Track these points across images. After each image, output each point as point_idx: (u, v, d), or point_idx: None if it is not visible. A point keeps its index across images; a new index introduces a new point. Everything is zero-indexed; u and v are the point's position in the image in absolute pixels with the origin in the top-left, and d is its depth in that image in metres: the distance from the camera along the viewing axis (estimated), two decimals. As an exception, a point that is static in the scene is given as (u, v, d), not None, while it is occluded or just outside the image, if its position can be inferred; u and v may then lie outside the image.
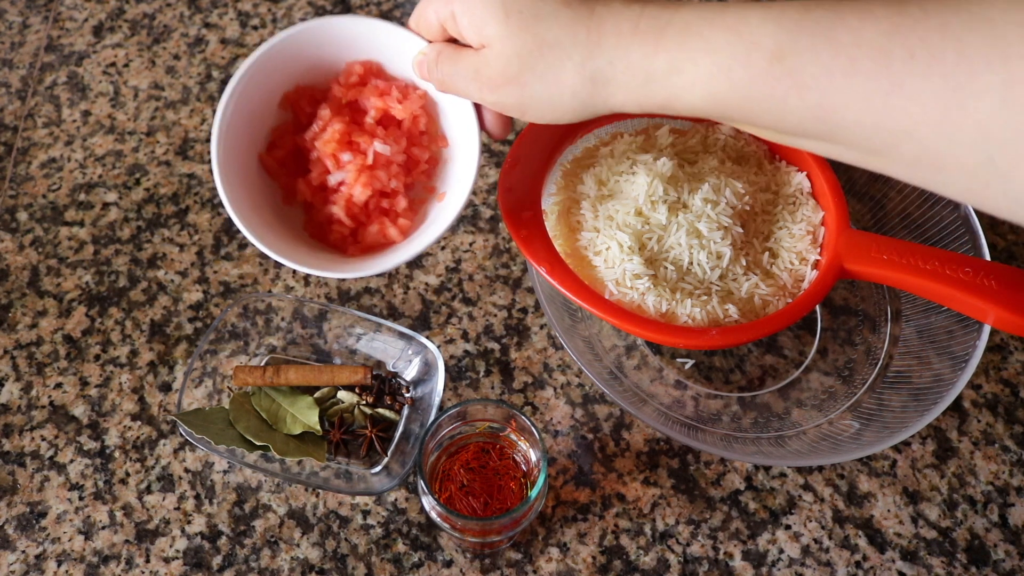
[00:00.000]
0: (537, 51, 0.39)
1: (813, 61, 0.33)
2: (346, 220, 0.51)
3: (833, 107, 0.33)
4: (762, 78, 0.34)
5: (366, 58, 0.51)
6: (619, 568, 0.54)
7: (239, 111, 0.49)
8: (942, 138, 0.32)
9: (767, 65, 0.34)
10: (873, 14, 0.32)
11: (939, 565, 0.54)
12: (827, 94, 0.33)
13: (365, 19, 0.50)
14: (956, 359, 0.54)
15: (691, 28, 0.36)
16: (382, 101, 0.51)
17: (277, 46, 0.49)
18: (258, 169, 0.51)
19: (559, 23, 0.38)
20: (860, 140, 0.34)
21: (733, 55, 0.35)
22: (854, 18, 0.33)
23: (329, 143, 0.50)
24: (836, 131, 0.34)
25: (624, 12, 0.38)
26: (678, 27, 0.36)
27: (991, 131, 0.30)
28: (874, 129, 0.33)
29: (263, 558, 0.54)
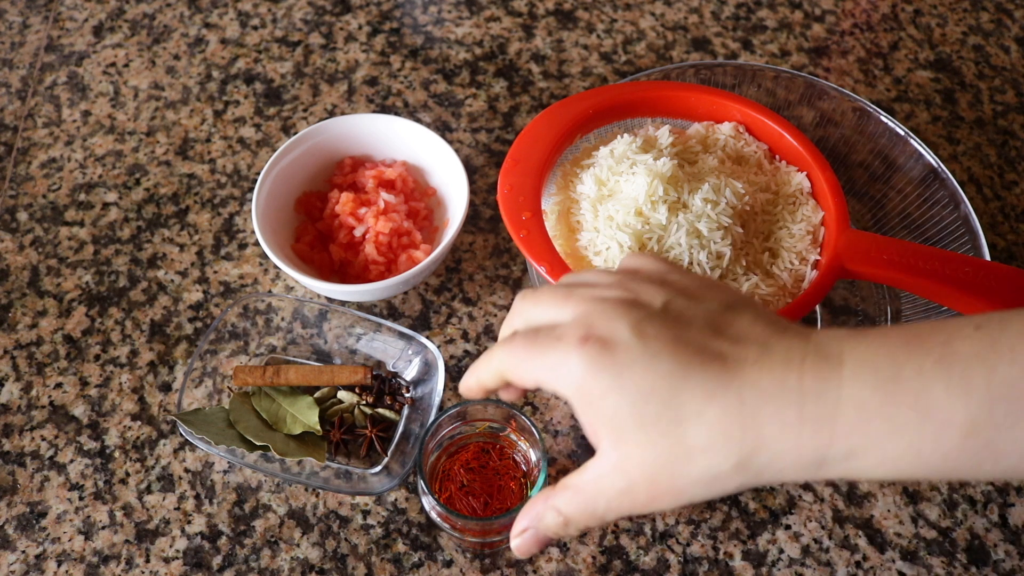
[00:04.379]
0: (686, 457, 0.33)
1: (1011, 428, 0.30)
2: (379, 258, 0.62)
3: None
4: (955, 454, 0.31)
5: (354, 153, 0.68)
6: (619, 568, 0.54)
7: (267, 212, 0.62)
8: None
9: (961, 441, 0.31)
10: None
11: (939, 565, 0.54)
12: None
13: (352, 117, 0.66)
14: (956, 359, 0.54)
15: (868, 408, 0.31)
16: (375, 171, 0.65)
17: (288, 159, 0.64)
18: (291, 255, 0.63)
19: (706, 424, 0.32)
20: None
21: (922, 436, 0.31)
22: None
23: (346, 205, 0.63)
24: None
25: (782, 394, 0.32)
26: (852, 408, 0.31)
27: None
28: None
29: (263, 558, 0.54)
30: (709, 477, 0.33)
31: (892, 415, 0.31)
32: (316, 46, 0.80)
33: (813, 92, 0.67)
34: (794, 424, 0.32)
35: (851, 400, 0.31)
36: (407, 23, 0.81)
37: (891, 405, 0.31)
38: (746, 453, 0.32)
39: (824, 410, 0.31)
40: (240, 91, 0.76)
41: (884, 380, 0.31)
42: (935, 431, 0.31)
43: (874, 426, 0.31)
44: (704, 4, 0.84)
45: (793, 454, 0.32)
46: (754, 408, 0.32)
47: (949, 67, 0.80)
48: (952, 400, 0.30)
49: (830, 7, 0.84)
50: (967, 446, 0.31)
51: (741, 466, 0.32)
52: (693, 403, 0.32)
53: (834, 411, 0.31)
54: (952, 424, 0.31)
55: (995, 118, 0.76)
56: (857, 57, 0.81)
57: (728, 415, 0.32)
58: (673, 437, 0.33)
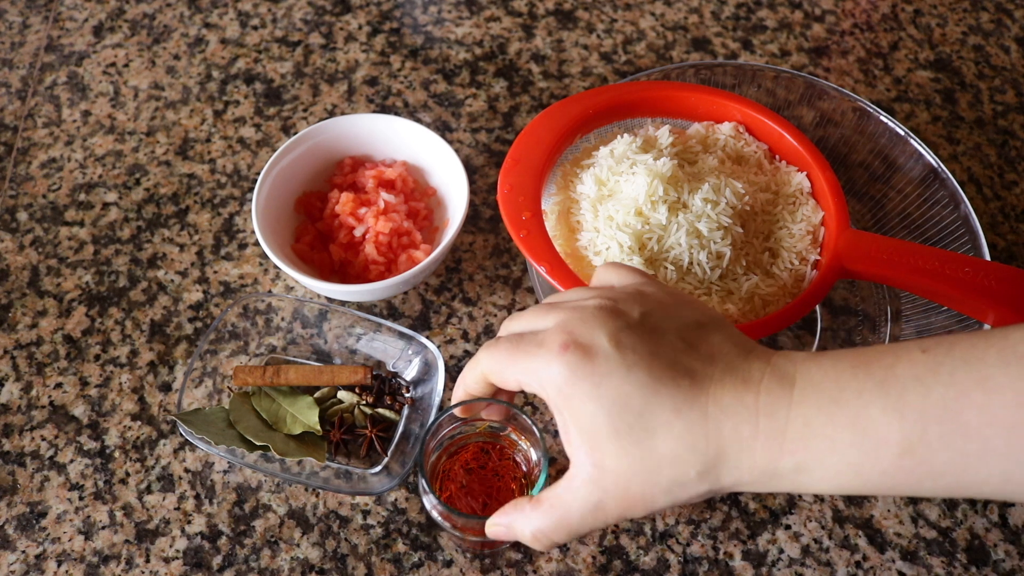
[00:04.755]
0: (657, 468, 0.35)
1: (944, 450, 0.32)
2: (379, 258, 0.62)
3: (970, 483, 0.33)
4: (892, 471, 0.33)
5: (354, 154, 0.68)
6: (619, 568, 0.54)
7: (267, 212, 0.62)
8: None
9: (897, 459, 0.33)
10: (998, 387, 0.31)
11: (939, 565, 0.54)
12: (963, 475, 0.33)
13: (352, 117, 0.66)
14: (956, 359, 0.54)
15: (812, 426, 0.34)
16: (375, 171, 0.65)
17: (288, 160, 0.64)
18: (291, 255, 0.63)
19: (674, 435, 0.35)
20: (1002, 495, 0.34)
21: (861, 454, 0.33)
22: (979, 393, 0.32)
23: (347, 205, 0.63)
24: (974, 494, 0.34)
25: (740, 411, 0.35)
26: (798, 426, 0.34)
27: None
28: (1018, 486, 0.33)
29: (263, 558, 0.54)
30: (676, 485, 0.36)
31: (832, 434, 0.33)
32: (316, 46, 0.80)
33: (813, 92, 0.67)
34: (749, 439, 0.34)
35: (798, 419, 0.34)
36: (407, 23, 0.81)
37: (831, 425, 0.34)
38: (709, 463, 0.35)
39: (775, 426, 0.34)
40: (240, 91, 0.76)
41: (827, 401, 0.34)
42: (872, 450, 0.33)
43: (817, 443, 0.34)
44: (704, 4, 0.84)
45: (748, 464, 0.35)
46: (716, 422, 0.35)
47: (949, 67, 0.80)
48: (888, 420, 0.33)
49: (830, 7, 0.84)
50: (903, 465, 0.33)
51: (704, 475, 0.35)
52: (663, 415, 0.35)
53: (784, 428, 0.34)
54: (888, 443, 0.33)
55: (995, 118, 0.76)
56: (857, 57, 0.81)
57: (693, 429, 0.35)
58: (645, 448, 0.35)
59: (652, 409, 0.35)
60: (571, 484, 0.38)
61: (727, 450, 0.35)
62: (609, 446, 0.36)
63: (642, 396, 0.35)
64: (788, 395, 0.34)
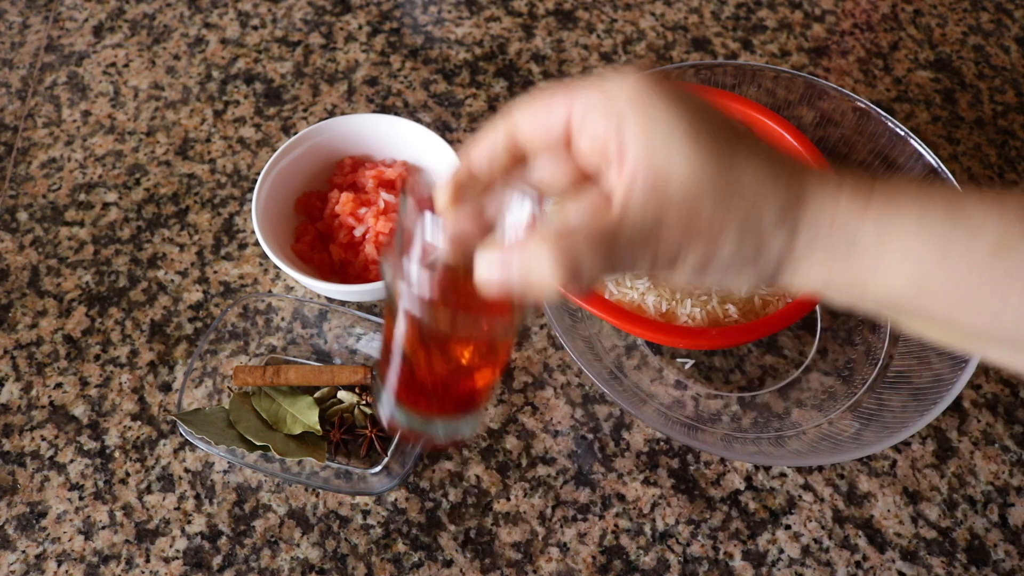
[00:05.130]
0: (734, 190, 0.29)
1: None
2: (379, 258, 0.61)
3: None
4: (982, 266, 0.29)
5: (354, 154, 0.68)
6: (619, 568, 0.54)
7: (267, 212, 0.62)
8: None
9: (989, 255, 0.29)
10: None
11: (939, 565, 0.54)
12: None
13: (352, 117, 0.66)
14: (956, 359, 0.54)
15: (901, 195, 0.30)
16: (375, 170, 0.66)
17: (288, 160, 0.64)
18: (291, 255, 0.63)
19: (756, 159, 0.30)
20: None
21: (950, 238, 0.29)
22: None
23: (346, 205, 0.63)
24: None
25: (823, 173, 0.31)
26: (885, 190, 0.30)
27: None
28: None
29: (263, 558, 0.54)
30: (751, 223, 0.30)
31: (924, 206, 0.30)
32: (316, 46, 0.80)
33: (813, 92, 0.67)
34: (834, 188, 0.30)
35: (885, 189, 0.30)
36: (407, 23, 0.81)
37: (924, 198, 0.30)
38: (790, 203, 0.30)
39: (862, 184, 0.30)
40: (240, 91, 0.76)
41: (917, 189, 0.30)
42: (965, 235, 0.29)
43: (905, 212, 0.30)
44: (704, 4, 0.84)
45: (828, 219, 0.30)
46: (800, 165, 0.31)
47: (949, 67, 0.80)
48: (984, 212, 0.29)
49: (830, 7, 0.84)
50: (995, 265, 0.29)
51: (782, 217, 0.30)
52: (746, 140, 0.30)
53: (871, 187, 0.30)
54: (983, 232, 0.29)
55: (995, 118, 0.76)
56: (857, 57, 0.81)
57: (776, 160, 0.30)
58: (723, 163, 0.29)
59: (734, 132, 0.30)
60: (621, 196, 0.30)
61: (809, 193, 0.30)
62: (682, 152, 0.29)
63: (724, 121, 0.30)
64: (872, 178, 0.31)
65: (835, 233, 0.30)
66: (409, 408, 0.38)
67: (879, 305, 0.31)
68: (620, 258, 0.29)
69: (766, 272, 0.31)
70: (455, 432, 0.39)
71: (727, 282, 0.32)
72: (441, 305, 0.33)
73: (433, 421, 0.38)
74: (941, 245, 0.29)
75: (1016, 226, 0.29)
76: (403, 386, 0.37)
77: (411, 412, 0.38)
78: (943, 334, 0.33)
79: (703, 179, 0.29)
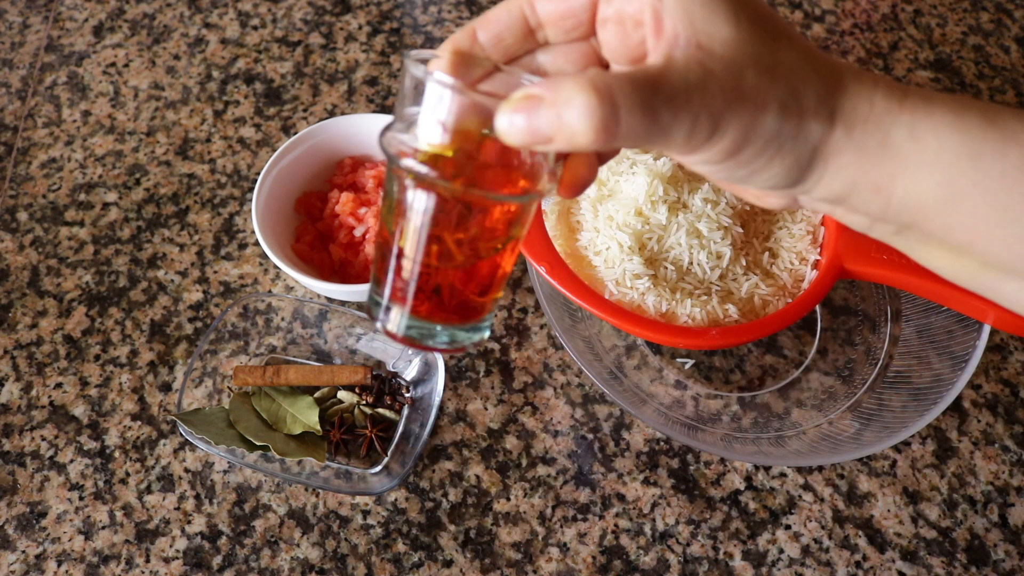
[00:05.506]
0: (776, 66, 0.28)
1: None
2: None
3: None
4: (1014, 178, 0.28)
5: (354, 154, 0.68)
6: (619, 568, 0.54)
7: (267, 212, 0.62)
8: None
9: (1020, 159, 0.27)
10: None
11: (939, 565, 0.54)
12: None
13: (352, 117, 0.66)
14: (956, 359, 0.54)
15: (935, 98, 0.29)
16: (375, 171, 0.66)
17: (288, 160, 0.64)
18: (291, 255, 0.63)
19: (796, 44, 0.29)
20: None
21: (984, 139, 0.28)
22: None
23: (347, 205, 0.63)
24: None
25: (860, 69, 0.30)
26: (919, 93, 0.29)
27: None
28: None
29: (263, 558, 0.54)
30: (792, 101, 0.28)
31: (957, 108, 0.29)
32: (316, 46, 0.80)
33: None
34: (870, 82, 0.29)
35: (920, 91, 0.29)
36: (407, 23, 0.81)
37: (956, 102, 0.29)
38: (829, 89, 0.29)
39: (897, 85, 0.29)
40: (240, 91, 0.76)
41: (951, 96, 0.29)
42: (997, 139, 0.28)
43: (939, 110, 0.29)
44: (704, 4, 0.84)
45: (864, 112, 0.29)
46: (836, 61, 0.30)
47: (949, 67, 0.80)
48: (1021, 123, 0.28)
49: (830, 7, 0.84)
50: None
51: (821, 104, 0.29)
52: (785, 31, 0.29)
53: (905, 90, 0.29)
54: (1018, 140, 0.28)
55: (995, 118, 0.76)
56: (857, 57, 0.81)
57: (814, 51, 0.29)
58: (765, 41, 0.28)
59: (775, 18, 0.29)
60: (663, 51, 0.28)
61: (848, 83, 0.29)
62: (725, 26, 0.27)
63: (764, 7, 0.29)
64: (904, 86, 0.30)
65: (870, 126, 0.29)
66: (408, 312, 0.34)
67: (901, 216, 0.30)
68: (659, 114, 0.26)
69: (801, 161, 0.29)
70: (458, 340, 0.35)
71: (756, 173, 0.30)
72: (450, 183, 0.30)
73: (435, 328, 0.34)
74: (975, 147, 0.28)
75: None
76: (400, 287, 0.33)
77: (411, 317, 0.34)
78: (959, 263, 0.31)
79: (747, 50, 0.27)
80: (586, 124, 0.25)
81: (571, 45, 0.32)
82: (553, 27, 0.31)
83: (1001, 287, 0.31)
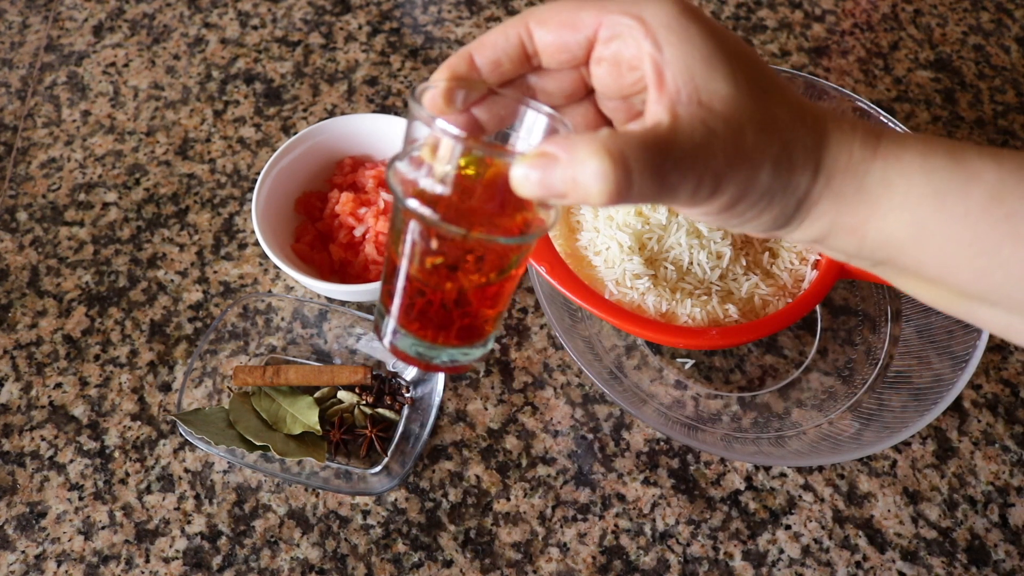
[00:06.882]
0: (771, 122, 0.29)
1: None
2: (379, 258, 0.62)
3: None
4: (978, 215, 0.29)
5: (354, 153, 0.68)
6: (619, 568, 0.54)
7: (267, 212, 0.62)
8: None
9: (985, 203, 0.29)
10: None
11: (939, 565, 0.54)
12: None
13: (352, 117, 0.66)
14: (956, 359, 0.54)
15: (907, 141, 0.31)
16: (375, 171, 0.66)
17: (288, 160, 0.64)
18: (291, 255, 0.63)
19: (787, 98, 0.30)
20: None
21: (948, 181, 0.30)
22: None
23: (347, 204, 0.63)
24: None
25: (839, 115, 0.32)
26: (894, 136, 0.31)
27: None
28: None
29: (263, 558, 0.54)
30: (786, 154, 0.30)
31: (926, 152, 0.30)
32: (316, 46, 0.80)
33: (813, 92, 0.67)
34: (849, 130, 0.31)
35: (894, 133, 0.31)
36: (407, 23, 0.81)
37: (925, 145, 0.31)
38: (816, 142, 0.31)
39: (872, 131, 0.31)
40: (240, 91, 0.76)
41: (921, 137, 0.31)
42: (963, 182, 0.30)
43: (909, 156, 0.30)
44: (704, 4, 0.84)
45: (844, 160, 0.31)
46: (820, 110, 0.31)
47: (949, 67, 0.80)
48: (984, 162, 0.30)
49: (830, 7, 0.84)
50: (990, 213, 0.29)
51: (808, 155, 0.30)
52: (775, 83, 0.30)
53: (880, 132, 0.31)
54: (980, 179, 0.30)
55: (995, 118, 0.76)
56: (857, 57, 0.81)
57: (802, 102, 0.31)
58: (759, 98, 0.29)
59: (767, 71, 0.31)
60: (668, 122, 0.29)
61: (830, 135, 0.31)
62: (723, 80, 0.29)
63: (756, 58, 0.31)
64: (882, 126, 0.32)
65: (848, 175, 0.31)
66: (412, 333, 0.35)
67: (876, 253, 0.32)
68: (668, 177, 0.28)
69: (787, 211, 0.31)
70: (459, 360, 0.36)
71: (746, 223, 0.32)
72: (453, 217, 0.31)
73: (437, 348, 0.36)
74: (940, 188, 0.30)
75: (1013, 176, 0.29)
76: (406, 310, 0.35)
77: (415, 338, 0.35)
78: (935, 292, 0.33)
79: (744, 108, 0.29)
80: (600, 188, 0.27)
81: (563, 71, 0.33)
82: (548, 57, 0.32)
83: (977, 314, 0.33)
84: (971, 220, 0.30)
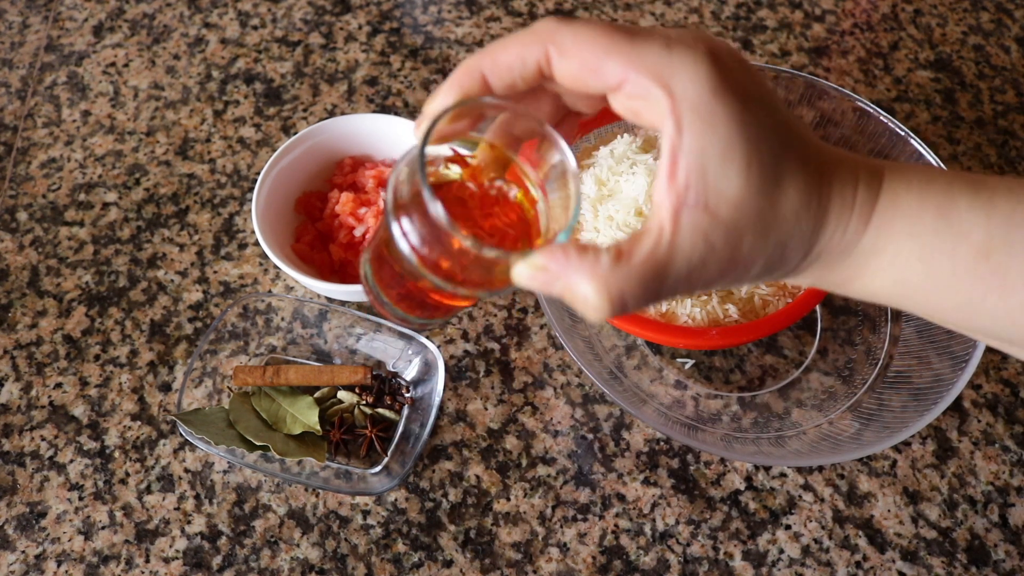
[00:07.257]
0: (772, 224, 0.29)
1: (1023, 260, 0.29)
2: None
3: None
4: (964, 273, 0.30)
5: (354, 153, 0.68)
6: (619, 568, 0.54)
7: (267, 212, 0.62)
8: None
9: (973, 261, 0.30)
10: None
11: (939, 565, 0.54)
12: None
13: (352, 117, 0.66)
14: (956, 359, 0.54)
15: (899, 202, 0.31)
16: (375, 170, 0.66)
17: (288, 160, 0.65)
18: (291, 255, 0.63)
19: (797, 188, 0.30)
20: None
21: (938, 242, 0.30)
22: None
23: (347, 205, 0.63)
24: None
25: (845, 174, 0.31)
26: (889, 198, 0.31)
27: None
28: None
29: (263, 558, 0.54)
30: (779, 249, 0.30)
31: (916, 213, 0.31)
32: (316, 46, 0.80)
33: (813, 92, 0.67)
34: (849, 203, 0.31)
35: (889, 191, 0.31)
36: (407, 23, 0.81)
37: (919, 203, 0.31)
38: (814, 227, 0.31)
39: (869, 196, 0.31)
40: (240, 91, 0.76)
41: (917, 183, 0.31)
42: (951, 241, 0.30)
43: (900, 222, 0.31)
44: (704, 4, 0.84)
45: (839, 239, 0.31)
46: (829, 179, 0.31)
47: (949, 67, 0.80)
48: (974, 217, 0.30)
49: (830, 7, 0.84)
50: (978, 269, 0.30)
51: (804, 241, 0.31)
52: (794, 163, 0.30)
53: (876, 198, 0.31)
54: (969, 239, 0.30)
55: (995, 118, 0.76)
56: (857, 57, 0.81)
57: (812, 183, 0.30)
58: (769, 196, 0.29)
59: (787, 152, 0.30)
60: (668, 236, 0.29)
61: (830, 214, 0.31)
62: (734, 182, 0.28)
63: (784, 132, 0.30)
64: (881, 171, 0.32)
65: (839, 251, 0.31)
66: (392, 302, 0.38)
67: (862, 299, 0.33)
68: (661, 295, 0.30)
69: (772, 278, 0.32)
70: (430, 325, 0.46)
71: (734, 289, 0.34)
72: (434, 276, 0.32)
73: (411, 316, 0.39)
74: (927, 252, 0.31)
75: (1001, 228, 0.30)
76: (386, 285, 0.37)
77: (394, 305, 0.38)
78: (930, 320, 0.34)
79: (750, 211, 0.29)
80: (595, 317, 0.30)
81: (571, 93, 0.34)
82: (563, 86, 0.32)
83: (974, 336, 0.34)
84: (956, 278, 0.30)
